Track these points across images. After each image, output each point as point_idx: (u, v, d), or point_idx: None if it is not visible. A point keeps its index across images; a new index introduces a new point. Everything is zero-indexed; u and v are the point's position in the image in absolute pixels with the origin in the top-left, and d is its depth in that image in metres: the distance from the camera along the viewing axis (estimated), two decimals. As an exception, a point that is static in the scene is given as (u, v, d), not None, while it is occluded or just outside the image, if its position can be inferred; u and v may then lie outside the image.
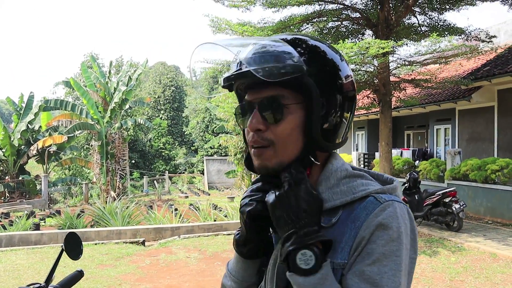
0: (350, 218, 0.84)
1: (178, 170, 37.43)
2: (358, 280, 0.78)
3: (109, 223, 9.96)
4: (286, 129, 0.85)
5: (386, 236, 0.79)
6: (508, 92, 11.46)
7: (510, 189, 9.49)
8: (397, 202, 0.83)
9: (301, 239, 0.77)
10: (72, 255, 1.61)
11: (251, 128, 0.86)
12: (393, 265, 0.78)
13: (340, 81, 0.88)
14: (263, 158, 0.87)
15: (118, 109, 20.44)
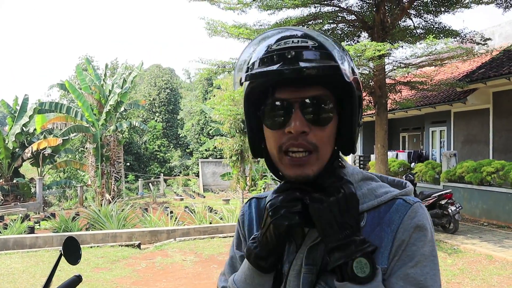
0: (384, 221, 0.82)
1: (173, 172, 37.35)
2: (403, 283, 0.77)
3: (105, 226, 9.89)
4: (328, 133, 0.81)
5: (424, 237, 0.80)
6: (503, 94, 11.51)
7: (506, 191, 9.53)
8: (422, 204, 0.85)
9: (359, 247, 0.75)
10: (71, 260, 1.58)
11: (296, 130, 0.77)
12: (432, 265, 0.79)
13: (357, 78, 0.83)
14: (304, 167, 0.79)
15: (113, 111, 20.38)
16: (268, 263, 0.84)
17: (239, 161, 20.75)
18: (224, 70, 10.98)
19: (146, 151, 36.93)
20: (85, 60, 23.32)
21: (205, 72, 11.38)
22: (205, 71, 11.24)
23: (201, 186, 29.92)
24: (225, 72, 11.49)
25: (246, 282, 0.87)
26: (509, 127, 11.40)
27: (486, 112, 12.08)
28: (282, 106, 0.80)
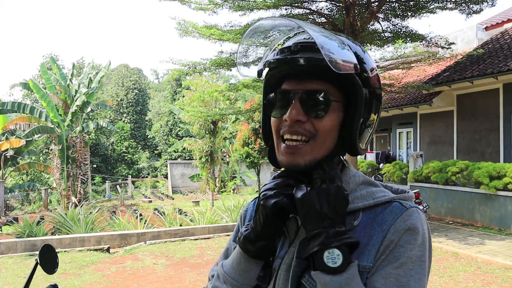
0: (377, 221, 0.84)
1: (141, 174, 36.77)
2: (384, 282, 0.78)
3: (72, 230, 9.60)
4: (327, 124, 0.83)
5: (414, 241, 0.80)
6: (466, 97, 11.93)
7: (469, 190, 9.87)
8: (418, 209, 0.84)
9: (330, 238, 0.75)
10: (47, 269, 1.51)
11: (291, 118, 0.82)
12: (419, 269, 0.79)
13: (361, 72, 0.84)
14: (296, 155, 0.83)
15: (79, 112, 19.85)
16: (255, 247, 0.85)
17: (208, 162, 20.65)
18: (195, 71, 10.89)
19: (113, 152, 36.18)
20: (50, 59, 22.61)
21: (175, 73, 11.26)
22: (175, 71, 11.12)
23: (170, 188, 29.56)
24: (196, 73, 11.39)
25: (232, 267, 0.89)
26: (472, 129, 11.82)
27: (450, 114, 12.48)
28: (284, 96, 0.85)
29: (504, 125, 10.83)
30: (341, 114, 0.84)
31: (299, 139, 0.83)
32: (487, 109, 11.34)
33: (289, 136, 0.83)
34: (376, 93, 0.88)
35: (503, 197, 9.13)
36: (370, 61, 0.88)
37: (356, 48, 0.86)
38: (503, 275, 6.14)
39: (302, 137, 0.83)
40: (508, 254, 7.06)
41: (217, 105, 19.02)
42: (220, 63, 10.58)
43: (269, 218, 0.83)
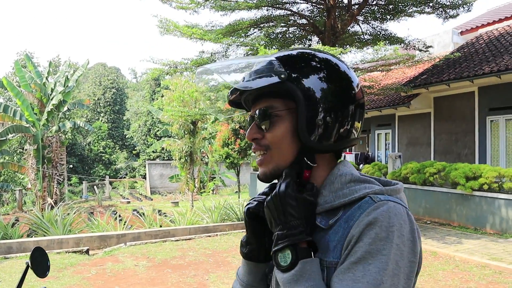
0: (345, 217, 0.86)
1: (119, 174, 36.26)
2: (341, 277, 0.80)
3: (49, 232, 9.38)
4: (277, 134, 0.91)
5: (374, 234, 0.79)
6: (443, 99, 12.20)
7: (446, 190, 10.08)
8: (393, 202, 0.83)
9: (282, 240, 0.83)
10: (39, 272, 1.48)
11: (248, 137, 0.95)
12: (378, 264, 0.77)
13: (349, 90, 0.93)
14: (263, 165, 0.94)
15: (55, 111, 19.41)
16: (246, 249, 0.98)
17: (188, 162, 20.50)
18: (176, 70, 10.81)
19: (90, 152, 35.55)
20: (25, 57, 22.02)
21: (154, 72, 11.15)
22: (155, 71, 11.01)
23: (148, 188, 29.26)
24: (177, 73, 11.31)
25: (241, 270, 1.03)
26: (448, 130, 12.10)
27: (427, 116, 12.74)
28: (249, 120, 0.98)
29: (480, 127, 11.13)
30: (292, 120, 0.91)
31: (261, 153, 0.94)
32: (463, 111, 11.63)
33: (254, 154, 0.97)
34: (360, 103, 0.94)
35: (479, 197, 9.36)
36: (355, 77, 0.96)
37: (343, 66, 0.95)
38: (480, 273, 6.30)
39: (261, 151, 0.94)
40: (484, 253, 7.25)
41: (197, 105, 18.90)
42: (201, 63, 10.54)
43: (248, 223, 0.97)
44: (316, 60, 0.93)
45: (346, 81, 0.93)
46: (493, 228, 9.03)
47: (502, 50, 10.98)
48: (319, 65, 0.92)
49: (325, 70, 0.92)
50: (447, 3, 10.98)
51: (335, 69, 0.93)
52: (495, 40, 12.30)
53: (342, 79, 0.92)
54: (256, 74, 0.92)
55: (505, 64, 9.72)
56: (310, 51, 0.96)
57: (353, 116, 0.93)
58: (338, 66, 0.94)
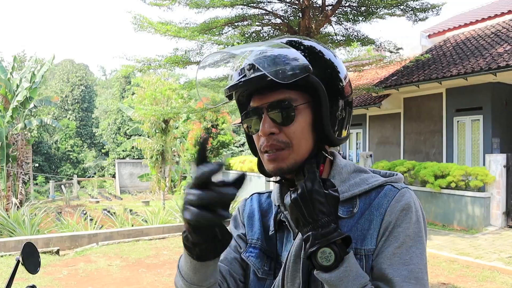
0: (373, 205, 0.89)
1: (87, 174, 35.42)
2: (390, 262, 0.83)
3: (16, 232, 9.08)
4: (297, 129, 0.88)
5: (409, 219, 0.86)
6: (412, 100, 12.54)
7: (416, 188, 10.35)
8: (410, 190, 0.91)
9: (319, 240, 0.79)
10: (30, 268, 1.44)
11: (264, 133, 0.88)
12: (418, 245, 0.85)
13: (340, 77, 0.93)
14: (278, 161, 0.88)
15: (21, 108, 18.76)
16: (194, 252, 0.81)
17: (159, 161, 20.25)
18: (149, 67, 10.64)
19: (57, 151, 34.55)
20: (-12, 51, 21.20)
21: (127, 69, 10.95)
22: (128, 68, 10.82)
23: (118, 187, 28.71)
24: (150, 70, 11.14)
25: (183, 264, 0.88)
26: (417, 130, 12.44)
27: (397, 116, 13.06)
28: (254, 113, 0.91)
29: (447, 127, 11.50)
30: (310, 114, 0.89)
31: (275, 150, 0.88)
32: (431, 112, 11.98)
33: (268, 149, 0.89)
34: (348, 100, 0.94)
35: (446, 195, 9.68)
36: (343, 69, 0.94)
37: (329, 54, 0.93)
38: (449, 267, 6.52)
39: (277, 147, 0.88)
40: (452, 248, 7.50)
41: (169, 103, 18.70)
42: (175, 61, 10.42)
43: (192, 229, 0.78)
44: (319, 50, 0.92)
45: (340, 74, 0.93)
46: (460, 225, 9.36)
47: (468, 53, 11.38)
48: (323, 55, 0.92)
49: (333, 62, 0.92)
50: (417, 6, 11.27)
51: (337, 61, 0.94)
52: (461, 44, 12.74)
53: (336, 71, 0.92)
54: (278, 62, 0.84)
55: (471, 66, 10.08)
56: (308, 39, 0.94)
57: (351, 105, 0.97)
58: (336, 57, 0.95)
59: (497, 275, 6.08)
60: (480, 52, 10.90)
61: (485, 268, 6.37)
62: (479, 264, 6.51)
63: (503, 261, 6.54)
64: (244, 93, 0.94)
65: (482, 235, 8.52)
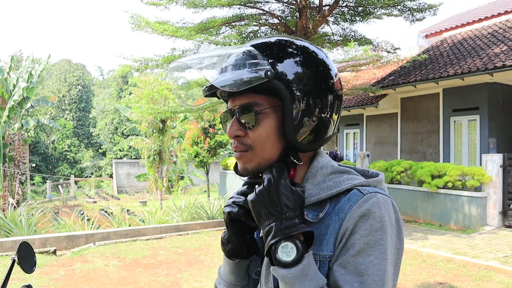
0: (335, 210, 0.85)
1: (84, 174, 35.34)
2: (344, 271, 0.79)
3: (12, 233, 9.05)
4: (261, 133, 0.87)
5: (369, 226, 0.80)
6: (409, 100, 12.57)
7: (413, 188, 10.39)
8: (380, 194, 0.85)
9: (281, 232, 0.78)
10: (26, 268, 1.44)
11: (230, 135, 0.90)
12: (378, 254, 0.79)
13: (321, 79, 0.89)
14: (243, 161, 0.90)
15: (18, 107, 18.73)
16: (227, 247, 0.95)
17: (156, 161, 20.24)
18: (146, 67, 10.64)
19: (54, 151, 34.47)
20: (-16, 51, 21.14)
21: (124, 69, 10.94)
22: (125, 67, 10.81)
23: (115, 187, 28.68)
24: (147, 69, 11.14)
25: (223, 267, 1.02)
26: (414, 130, 12.47)
27: (395, 116, 13.09)
28: (228, 114, 0.93)
29: (444, 127, 11.53)
30: (277, 118, 0.87)
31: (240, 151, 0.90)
32: (428, 112, 12.01)
33: (234, 150, 0.91)
34: (338, 94, 0.92)
35: (443, 194, 9.71)
36: (334, 67, 0.92)
37: (321, 54, 0.91)
38: (446, 266, 6.54)
39: (242, 148, 0.89)
40: (448, 248, 7.52)
41: (166, 103, 18.69)
42: (173, 60, 10.42)
43: (229, 224, 0.93)
44: (297, 50, 0.89)
45: (326, 71, 0.90)
46: (457, 224, 9.39)
47: (465, 53, 11.41)
48: (300, 56, 0.88)
49: (308, 61, 0.88)
50: (414, 6, 11.30)
51: (316, 60, 0.89)
52: (458, 44, 12.77)
53: (324, 69, 0.90)
54: (236, 69, 0.85)
55: (468, 67, 10.12)
56: (287, 38, 0.91)
57: (332, 109, 0.91)
58: (317, 54, 0.90)
59: (494, 274, 6.10)
60: (477, 52, 10.94)
61: (482, 268, 6.39)
62: (475, 263, 6.53)
63: (499, 261, 6.57)
64: (224, 93, 0.93)
65: (478, 235, 8.55)
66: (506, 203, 9.19)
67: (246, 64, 0.85)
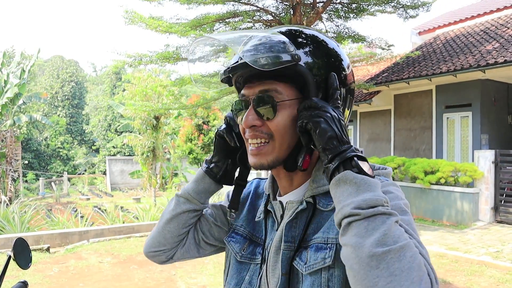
0: None
1: (77, 171, 35.17)
2: None
3: (5, 230, 9.00)
4: (280, 123, 0.86)
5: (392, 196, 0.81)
6: (402, 97, 12.62)
7: (406, 185, 10.45)
8: (393, 183, 0.87)
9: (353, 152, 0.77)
10: (22, 264, 1.44)
11: (246, 124, 0.87)
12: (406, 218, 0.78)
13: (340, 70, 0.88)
14: (260, 156, 0.88)
15: (10, 104, 18.58)
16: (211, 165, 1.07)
17: (150, 158, 20.19)
18: (140, 63, 10.59)
19: (47, 148, 34.26)
20: (-24, 47, 20.92)
21: (118, 64, 10.88)
22: (119, 63, 10.76)
23: (109, 184, 28.57)
24: (141, 65, 11.09)
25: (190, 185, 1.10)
26: (407, 127, 12.53)
27: (388, 113, 13.14)
28: (242, 102, 0.91)
29: (437, 123, 11.60)
30: (295, 108, 0.85)
31: (259, 142, 0.88)
32: (422, 108, 12.08)
33: (250, 140, 0.89)
34: (351, 88, 0.91)
35: (436, 190, 9.78)
36: (346, 58, 0.91)
37: (332, 44, 0.90)
38: (438, 262, 6.60)
39: (261, 139, 0.87)
40: (441, 243, 7.59)
41: (160, 100, 18.64)
42: (166, 56, 10.39)
43: (218, 141, 1.04)
44: (308, 39, 0.88)
45: (338, 63, 0.89)
46: (449, 220, 9.47)
47: (458, 50, 11.48)
48: (311, 46, 0.87)
49: (319, 51, 0.87)
50: (407, 3, 11.33)
51: (328, 49, 0.89)
52: (451, 41, 12.84)
53: (335, 60, 0.89)
54: (263, 49, 0.83)
55: (461, 63, 10.18)
56: (297, 27, 0.90)
57: (344, 103, 0.91)
58: (328, 44, 0.90)
59: (485, 269, 6.17)
60: (469, 49, 11.00)
61: (474, 263, 6.46)
62: (467, 258, 6.60)
63: (491, 256, 6.64)
64: (240, 79, 0.92)
65: (471, 230, 8.63)
66: (498, 198, 9.28)
67: (274, 46, 0.83)
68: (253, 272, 0.97)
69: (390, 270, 0.64)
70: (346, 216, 0.71)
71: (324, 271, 0.81)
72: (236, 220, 1.07)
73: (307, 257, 0.84)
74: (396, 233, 0.68)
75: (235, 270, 1.00)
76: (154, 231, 1.12)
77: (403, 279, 0.64)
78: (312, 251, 0.84)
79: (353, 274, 0.68)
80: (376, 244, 0.66)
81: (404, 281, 0.64)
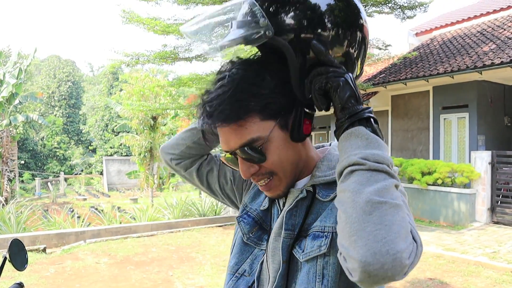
0: None
1: (74, 171, 35.08)
2: None
3: (1, 231, 8.95)
4: (275, 160, 0.87)
5: None
6: (400, 98, 12.64)
7: (403, 185, 10.23)
8: None
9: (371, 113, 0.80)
10: (17, 265, 1.43)
11: (245, 176, 0.89)
12: None
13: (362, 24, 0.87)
14: (272, 190, 0.92)
15: (6, 104, 18.52)
16: None
17: (147, 158, 20.16)
18: (137, 62, 10.56)
19: (43, 148, 34.16)
20: (-28, 46, 20.83)
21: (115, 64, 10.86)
22: (117, 61, 10.73)
23: (106, 185, 28.50)
24: (138, 65, 11.07)
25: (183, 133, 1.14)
26: (404, 128, 12.56)
27: (385, 114, 13.16)
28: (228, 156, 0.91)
29: (434, 124, 11.62)
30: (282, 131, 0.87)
31: (265, 181, 0.90)
32: (419, 109, 12.10)
33: (257, 182, 0.92)
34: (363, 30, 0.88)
35: (433, 191, 9.80)
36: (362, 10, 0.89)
37: None
38: (435, 262, 6.61)
39: (266, 179, 0.90)
40: (438, 244, 7.60)
41: (157, 100, 18.62)
42: (164, 56, 10.37)
43: None
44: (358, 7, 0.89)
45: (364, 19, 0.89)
46: (446, 221, 9.48)
47: (454, 51, 11.51)
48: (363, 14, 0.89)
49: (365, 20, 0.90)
50: (405, 4, 11.35)
51: None
52: (448, 42, 12.87)
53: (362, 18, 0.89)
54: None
55: (458, 65, 10.20)
56: None
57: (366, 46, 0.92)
58: None
59: (482, 270, 6.18)
60: (466, 50, 11.03)
61: (470, 263, 6.47)
62: (464, 259, 6.61)
63: (487, 256, 6.65)
64: None
65: (467, 231, 8.65)
66: (494, 199, 9.31)
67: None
68: (256, 257, 0.98)
69: (381, 219, 0.66)
70: (351, 164, 0.73)
71: (320, 258, 0.84)
72: (251, 203, 1.06)
73: (305, 245, 0.86)
74: (395, 193, 0.71)
75: (238, 250, 1.01)
76: (175, 136, 1.17)
77: (392, 232, 0.65)
78: (310, 239, 0.86)
79: (344, 216, 0.69)
80: (375, 193, 0.68)
81: (392, 232, 0.65)
